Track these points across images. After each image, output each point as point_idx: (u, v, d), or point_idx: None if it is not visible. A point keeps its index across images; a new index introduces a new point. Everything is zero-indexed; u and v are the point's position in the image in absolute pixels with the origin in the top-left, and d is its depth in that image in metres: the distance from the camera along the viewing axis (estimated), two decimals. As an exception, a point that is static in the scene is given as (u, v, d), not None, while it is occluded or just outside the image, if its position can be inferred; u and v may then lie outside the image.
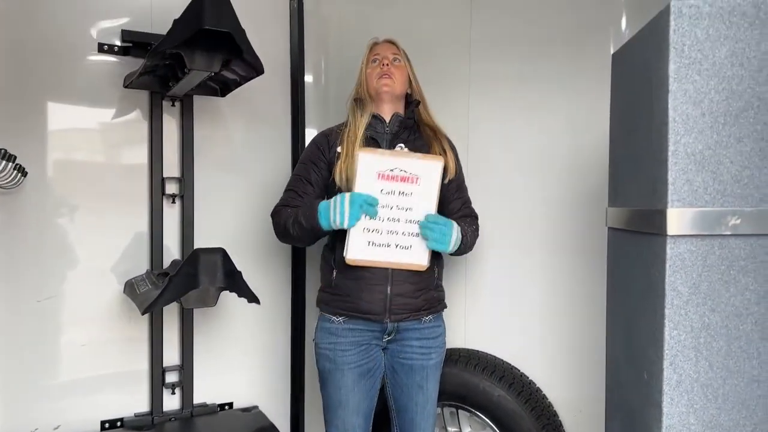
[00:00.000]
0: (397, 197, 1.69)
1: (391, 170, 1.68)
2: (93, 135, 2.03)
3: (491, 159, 2.19)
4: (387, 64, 1.83)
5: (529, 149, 2.13)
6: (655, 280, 1.10)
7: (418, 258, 1.72)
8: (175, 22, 1.67)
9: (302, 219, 1.74)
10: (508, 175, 2.18)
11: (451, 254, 1.80)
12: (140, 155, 2.09)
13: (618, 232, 1.35)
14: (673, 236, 1.05)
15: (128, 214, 2.07)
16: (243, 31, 1.68)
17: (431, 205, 1.71)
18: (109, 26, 2.03)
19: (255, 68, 1.79)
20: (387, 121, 1.85)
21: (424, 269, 1.74)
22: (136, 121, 2.09)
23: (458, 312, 2.23)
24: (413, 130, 1.88)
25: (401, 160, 1.70)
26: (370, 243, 1.69)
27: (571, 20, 2.05)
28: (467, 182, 1.98)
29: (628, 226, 1.27)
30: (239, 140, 2.28)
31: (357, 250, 1.69)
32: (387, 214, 1.69)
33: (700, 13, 1.03)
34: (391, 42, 1.93)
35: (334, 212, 1.66)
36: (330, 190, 1.84)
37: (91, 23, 2.00)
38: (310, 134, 2.30)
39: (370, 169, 1.68)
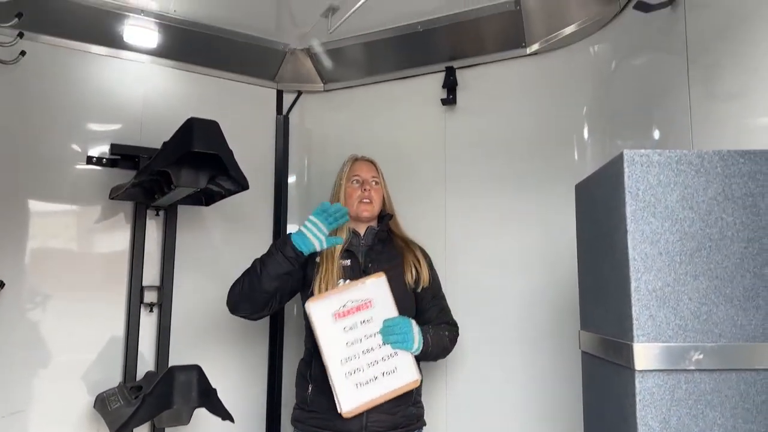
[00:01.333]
0: (361, 327, 1.69)
1: (343, 306, 1.69)
2: (75, 242, 2.06)
3: (468, 256, 2.21)
4: (367, 189, 1.92)
5: (505, 248, 2.15)
6: (627, 413, 1.11)
7: (407, 375, 1.70)
8: (165, 144, 1.75)
9: (271, 250, 1.76)
10: (484, 272, 2.18)
11: (424, 358, 1.80)
12: (121, 262, 2.11)
13: (590, 357, 1.37)
14: (641, 371, 1.08)
15: (106, 319, 2.06)
16: (230, 152, 1.76)
17: (391, 316, 1.72)
18: (98, 139, 2.11)
19: (240, 184, 1.86)
20: (362, 235, 1.91)
21: (419, 383, 1.73)
22: (120, 228, 2.13)
23: (439, 428, 2.15)
24: (386, 241, 1.94)
25: (347, 293, 1.71)
26: (358, 385, 1.65)
27: (538, 125, 2.15)
28: (444, 280, 2.02)
29: (598, 353, 1.30)
30: (221, 244, 2.33)
31: (349, 399, 1.63)
32: (359, 348, 1.68)
33: (650, 161, 1.13)
34: (371, 162, 2.03)
35: (309, 231, 1.71)
36: (300, 286, 1.85)
37: (81, 136, 2.09)
38: (291, 229, 2.37)
39: (324, 314, 1.68)
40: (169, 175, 1.77)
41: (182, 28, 2.22)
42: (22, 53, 1.92)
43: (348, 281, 1.78)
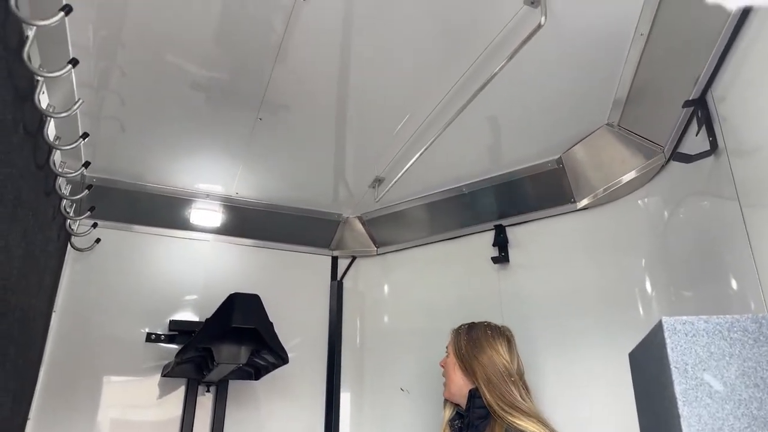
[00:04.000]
0: None
1: None
2: (135, 414, 2.07)
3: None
4: (442, 365, 1.81)
5: (575, 414, 1.91)
6: None
7: None
8: (207, 320, 1.79)
9: None
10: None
11: None
12: (172, 439, 2.08)
13: None
14: None
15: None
16: (270, 325, 1.77)
17: None
18: (159, 316, 2.21)
19: (281, 357, 1.83)
20: (464, 410, 1.67)
21: None
22: (174, 405, 2.13)
23: None
24: (484, 418, 1.61)
25: None
26: None
27: (597, 280, 2.00)
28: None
29: None
30: (270, 419, 2.25)
31: None
32: None
33: (696, 330, 0.97)
34: (452, 330, 1.84)
35: None
36: None
37: (143, 314, 2.20)
38: (345, 399, 2.26)
39: None
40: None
41: (243, 208, 2.40)
42: (97, 241, 2.13)
43: None
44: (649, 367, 1.12)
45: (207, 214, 2.36)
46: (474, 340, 1.72)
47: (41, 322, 1.90)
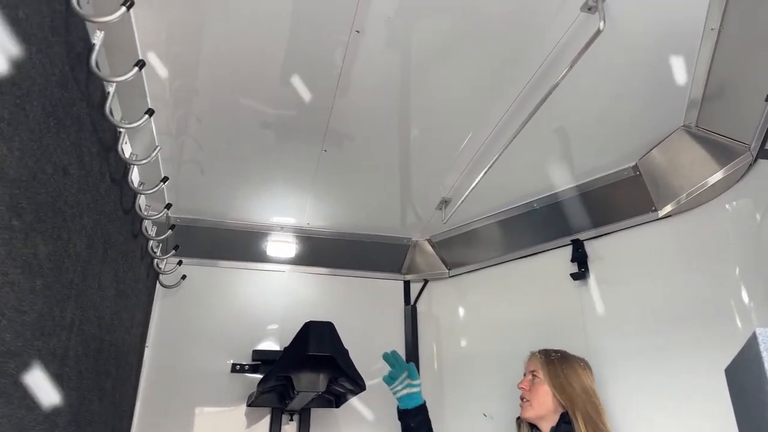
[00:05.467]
0: None
1: None
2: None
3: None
4: (522, 387, 1.83)
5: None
6: None
7: None
8: (285, 349, 1.83)
9: None
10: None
11: None
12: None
13: None
14: None
15: None
16: (345, 352, 1.78)
17: None
18: (242, 346, 2.29)
19: (359, 384, 1.83)
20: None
21: None
22: (260, 433, 2.18)
23: None
24: None
25: None
26: None
27: (688, 292, 1.87)
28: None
29: None
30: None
31: None
32: None
33: (799, 343, 0.88)
34: (535, 354, 1.91)
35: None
36: None
37: (227, 345, 2.28)
38: None
39: None
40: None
41: (315, 237, 2.46)
42: (183, 277, 2.25)
43: None
44: (747, 384, 1.02)
45: (282, 246, 2.44)
46: (571, 369, 1.80)
47: (135, 356, 2.02)
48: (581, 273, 2.17)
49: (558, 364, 1.81)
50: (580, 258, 2.19)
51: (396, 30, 1.41)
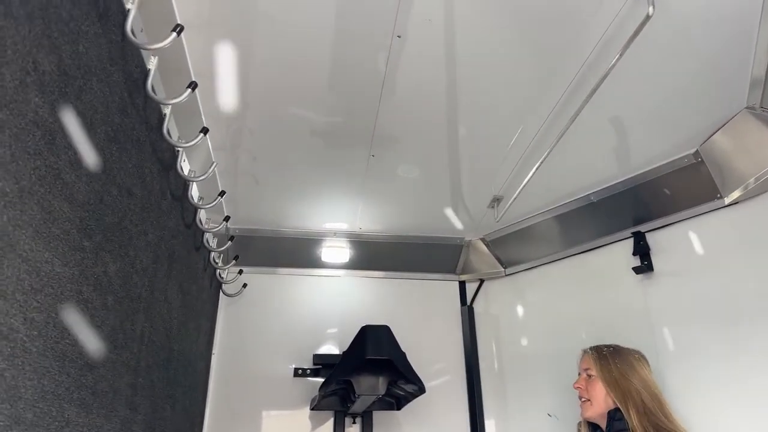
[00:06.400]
0: None
1: None
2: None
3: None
4: (578, 387, 1.80)
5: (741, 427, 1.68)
6: None
7: None
8: (344, 354, 1.86)
9: None
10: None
11: None
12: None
13: None
14: None
15: None
16: (402, 355, 1.79)
17: None
18: (303, 351, 2.35)
19: (418, 387, 1.84)
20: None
21: None
22: (324, 436, 2.23)
23: None
24: None
25: None
26: None
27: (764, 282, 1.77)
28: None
29: None
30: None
31: None
32: None
33: None
34: (586, 352, 1.87)
35: None
36: None
37: (289, 350, 2.34)
38: (490, 427, 2.21)
39: None
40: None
41: (368, 242, 2.48)
42: (244, 286, 2.33)
43: None
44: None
45: (336, 251, 2.48)
46: (625, 363, 1.74)
47: (203, 364, 2.10)
48: (645, 266, 2.09)
49: (611, 359, 1.77)
50: (642, 251, 2.11)
51: (437, 30, 1.40)
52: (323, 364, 2.29)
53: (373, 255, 2.50)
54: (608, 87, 1.48)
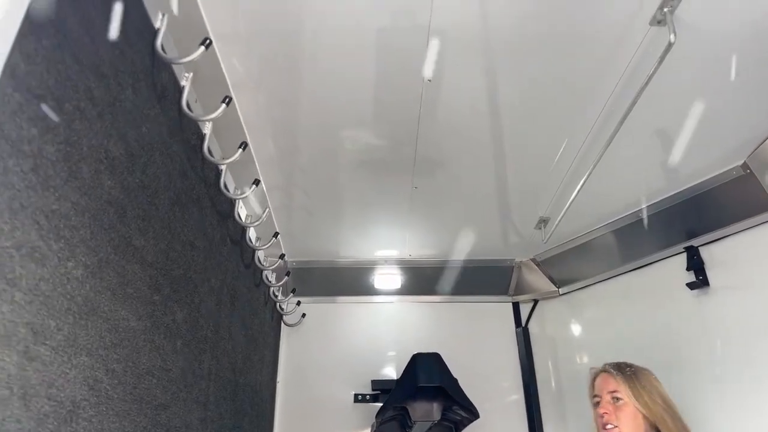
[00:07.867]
0: None
1: None
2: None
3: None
4: (605, 412, 1.63)
5: None
6: None
7: None
8: (397, 382, 1.94)
9: None
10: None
11: None
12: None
13: None
14: None
15: None
16: (455, 382, 1.85)
17: None
18: (362, 377, 2.43)
19: (472, 412, 1.88)
20: None
21: None
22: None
23: None
24: None
25: None
26: None
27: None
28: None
29: None
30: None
31: None
32: None
33: None
34: (608, 373, 1.72)
35: None
36: None
37: (348, 377, 2.44)
38: None
39: None
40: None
41: (418, 267, 2.56)
42: (303, 315, 2.46)
43: None
44: None
45: (388, 278, 2.57)
46: (649, 383, 1.64)
47: (268, 393, 2.24)
48: (700, 281, 2.04)
49: (636, 380, 1.63)
50: (696, 265, 2.07)
51: (474, 51, 1.41)
52: (381, 390, 2.37)
53: (424, 280, 2.57)
54: (648, 100, 1.47)
